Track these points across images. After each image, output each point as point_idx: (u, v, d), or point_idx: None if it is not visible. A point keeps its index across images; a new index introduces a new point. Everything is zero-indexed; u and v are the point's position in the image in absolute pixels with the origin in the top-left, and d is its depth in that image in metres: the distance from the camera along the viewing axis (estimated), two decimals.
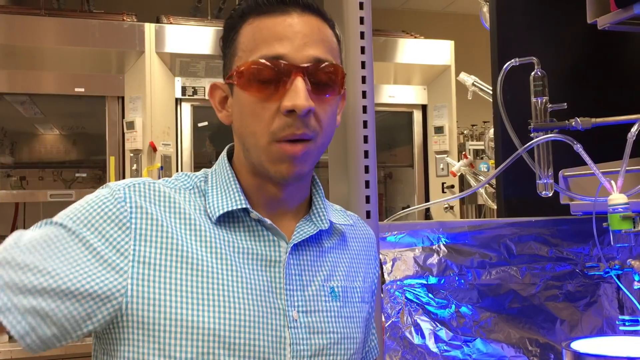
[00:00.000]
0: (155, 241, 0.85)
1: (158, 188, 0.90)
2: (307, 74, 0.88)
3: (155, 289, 0.83)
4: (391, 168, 4.31)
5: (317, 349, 0.91)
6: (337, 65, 0.92)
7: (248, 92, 0.89)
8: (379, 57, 3.73)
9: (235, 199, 0.92)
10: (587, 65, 1.88)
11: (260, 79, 0.88)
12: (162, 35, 3.33)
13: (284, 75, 0.87)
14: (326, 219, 0.98)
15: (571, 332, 1.55)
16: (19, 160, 3.45)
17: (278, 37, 0.88)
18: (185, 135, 3.43)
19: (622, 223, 1.19)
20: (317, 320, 0.92)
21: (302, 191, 0.98)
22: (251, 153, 0.92)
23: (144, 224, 0.86)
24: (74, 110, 3.52)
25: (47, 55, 3.25)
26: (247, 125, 0.90)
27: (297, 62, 0.88)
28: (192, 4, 4.38)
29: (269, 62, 0.87)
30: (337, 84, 0.92)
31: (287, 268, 0.91)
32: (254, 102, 0.89)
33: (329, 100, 0.91)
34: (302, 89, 0.86)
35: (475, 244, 1.54)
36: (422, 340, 1.42)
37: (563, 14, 1.84)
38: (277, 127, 0.87)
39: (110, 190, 0.88)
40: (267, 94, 0.88)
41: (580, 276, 1.59)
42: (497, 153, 1.84)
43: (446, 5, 5.17)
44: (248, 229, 0.92)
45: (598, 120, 1.40)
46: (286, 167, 0.89)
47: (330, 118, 0.93)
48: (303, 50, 0.88)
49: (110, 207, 0.85)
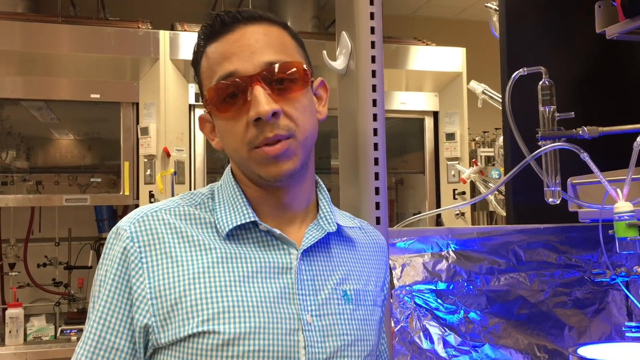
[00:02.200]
0: (167, 271, 0.90)
1: (161, 217, 0.94)
2: (263, 79, 0.91)
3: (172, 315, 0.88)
4: (402, 174, 4.32)
5: (332, 351, 0.93)
6: (292, 62, 0.94)
7: (219, 114, 0.94)
8: (390, 64, 3.74)
9: (243, 212, 0.95)
10: (595, 74, 1.89)
11: (223, 99, 0.92)
12: (176, 42, 3.37)
13: (242, 89, 0.91)
14: (333, 222, 1.01)
15: (579, 338, 1.55)
16: (35, 165, 3.49)
17: (226, 56, 0.93)
18: (198, 141, 3.46)
19: (627, 230, 1.20)
20: (331, 323, 0.94)
21: (305, 194, 1.01)
22: (241, 167, 0.96)
23: (154, 258, 0.90)
24: (89, 116, 3.56)
25: (63, 62, 3.29)
26: (228, 143, 0.95)
27: (249, 72, 0.91)
28: (206, 11, 4.42)
29: (225, 81, 0.92)
30: (299, 78, 0.94)
31: (298, 274, 0.94)
32: (227, 121, 0.94)
33: (295, 96, 0.94)
34: (261, 95, 0.90)
35: (484, 250, 1.55)
36: (431, 345, 1.43)
37: (572, 24, 1.85)
38: (251, 137, 0.91)
39: (117, 235, 0.93)
40: (235, 110, 0.92)
41: (588, 283, 1.60)
42: (507, 161, 1.85)
43: (458, 13, 5.18)
44: (258, 241, 0.95)
45: (605, 129, 1.41)
46: (274, 167, 0.92)
47: (303, 112, 0.95)
48: (252, 59, 0.92)
49: (120, 256, 0.91)
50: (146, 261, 0.90)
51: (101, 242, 3.62)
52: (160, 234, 0.92)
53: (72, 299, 3.49)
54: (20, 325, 3.05)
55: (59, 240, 3.60)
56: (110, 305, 0.90)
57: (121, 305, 0.90)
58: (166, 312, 0.88)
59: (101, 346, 0.89)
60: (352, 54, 1.32)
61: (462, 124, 3.86)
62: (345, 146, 1.36)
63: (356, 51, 1.30)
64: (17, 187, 3.42)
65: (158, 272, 0.89)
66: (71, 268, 3.58)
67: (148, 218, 0.93)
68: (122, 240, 0.91)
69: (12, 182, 3.41)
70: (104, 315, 0.90)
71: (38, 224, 3.58)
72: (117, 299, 0.90)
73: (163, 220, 0.93)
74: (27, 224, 3.53)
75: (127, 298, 0.90)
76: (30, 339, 3.13)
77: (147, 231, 0.92)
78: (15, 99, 3.29)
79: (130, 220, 0.93)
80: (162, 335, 0.88)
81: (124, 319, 0.90)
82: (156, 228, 0.92)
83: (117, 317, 0.90)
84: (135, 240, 0.91)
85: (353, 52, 1.32)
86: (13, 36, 3.13)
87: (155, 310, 0.88)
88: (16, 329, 3.03)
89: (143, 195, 3.30)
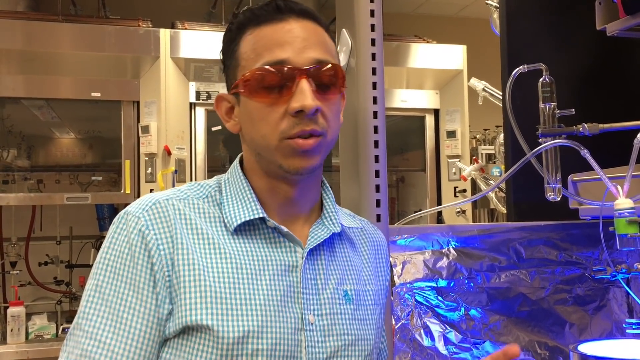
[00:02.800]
0: (179, 260, 0.88)
1: (172, 204, 0.92)
2: (311, 75, 0.91)
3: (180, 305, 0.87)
4: (403, 172, 4.32)
5: (332, 351, 0.93)
6: (337, 65, 0.96)
7: (255, 98, 0.92)
8: (391, 62, 3.74)
9: (252, 208, 0.94)
10: (596, 71, 1.89)
11: (265, 84, 0.91)
12: (176, 41, 3.37)
13: (289, 79, 0.91)
14: (337, 222, 1.01)
15: (580, 335, 1.55)
16: (36, 163, 3.49)
17: (279, 43, 0.92)
18: (199, 139, 3.46)
19: (628, 227, 1.20)
20: (332, 323, 0.95)
21: (313, 192, 1.01)
22: (263, 155, 0.95)
23: (169, 246, 0.89)
24: (90, 114, 3.56)
25: (63, 60, 3.29)
26: (257, 129, 0.93)
27: (299, 65, 0.91)
28: (207, 9, 4.42)
29: (273, 67, 0.91)
30: (338, 83, 0.96)
31: (303, 273, 0.94)
32: (262, 107, 0.92)
33: (332, 98, 0.95)
34: (308, 90, 0.90)
35: (485, 247, 1.55)
36: (432, 342, 1.44)
37: (572, 21, 1.85)
38: (286, 127, 0.91)
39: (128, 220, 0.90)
40: (274, 98, 0.91)
41: (589, 280, 1.60)
42: (507, 158, 1.85)
43: (459, 10, 5.18)
44: (265, 237, 0.95)
45: (605, 125, 1.41)
46: (299, 160, 0.92)
47: (335, 115, 0.96)
48: (304, 53, 0.92)
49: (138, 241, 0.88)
50: (163, 248, 0.88)
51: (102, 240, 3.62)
52: (173, 222, 0.90)
53: (74, 298, 3.50)
54: (21, 323, 3.05)
55: (60, 239, 3.61)
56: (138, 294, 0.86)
57: (148, 293, 0.86)
58: (177, 302, 0.87)
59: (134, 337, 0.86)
60: (353, 52, 1.32)
61: (462, 121, 3.86)
62: (346, 144, 1.36)
63: (357, 49, 1.31)
64: (18, 186, 3.42)
65: (172, 260, 0.88)
66: (72, 266, 3.58)
67: (161, 205, 0.91)
68: (135, 226, 0.89)
69: (13, 181, 3.41)
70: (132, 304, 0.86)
71: (39, 223, 3.58)
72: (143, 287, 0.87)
73: (175, 208, 0.92)
74: (29, 222, 3.53)
75: (152, 286, 0.87)
76: (31, 338, 3.13)
77: (161, 218, 0.90)
78: (16, 98, 3.29)
79: (141, 207, 0.91)
80: (170, 324, 0.87)
81: (152, 308, 0.86)
82: (169, 215, 0.91)
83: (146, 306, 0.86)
84: (151, 227, 0.89)
85: (353, 49, 1.32)
86: (14, 35, 3.13)
87: (172, 299, 0.87)
88: (18, 328, 3.04)
89: (144, 194, 3.29)
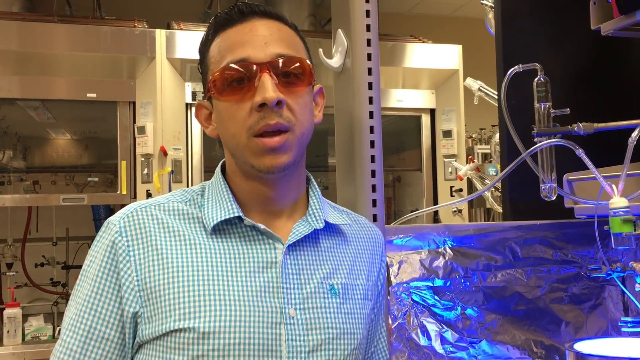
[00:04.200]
0: (152, 264, 0.92)
1: (150, 212, 0.96)
2: (272, 68, 0.94)
3: (155, 308, 0.90)
4: (400, 172, 4.33)
5: (315, 344, 0.94)
6: (301, 58, 0.98)
7: (223, 97, 0.96)
8: (387, 62, 3.75)
9: (228, 208, 0.97)
10: (591, 70, 1.89)
11: (230, 82, 0.94)
12: (172, 41, 3.36)
13: (251, 75, 0.93)
14: (321, 219, 1.02)
15: (576, 334, 1.56)
16: (32, 164, 3.49)
17: (240, 43, 0.95)
18: (195, 139, 3.46)
19: (622, 226, 1.20)
20: (315, 316, 0.95)
21: (294, 190, 1.02)
22: (236, 154, 0.97)
23: (141, 251, 0.93)
24: (85, 115, 3.56)
25: (59, 61, 3.29)
26: (227, 129, 0.96)
27: (260, 60, 0.94)
28: (202, 10, 4.42)
29: (236, 64, 0.94)
30: (305, 75, 0.97)
31: (283, 268, 0.95)
32: (229, 106, 0.95)
33: (298, 91, 0.97)
34: (269, 82, 0.92)
35: (481, 246, 1.56)
36: (428, 341, 1.44)
37: (567, 20, 1.85)
38: (252, 122, 0.93)
39: (107, 229, 0.96)
40: (240, 95, 0.94)
41: (585, 279, 1.61)
42: (503, 157, 1.85)
43: (454, 10, 5.18)
44: (243, 235, 0.97)
45: (600, 125, 1.42)
46: (269, 159, 0.94)
47: (304, 109, 0.98)
48: (265, 49, 0.95)
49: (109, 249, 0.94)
50: (134, 254, 0.92)
51: None
52: (148, 228, 0.94)
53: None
54: (18, 325, 3.05)
55: (56, 240, 3.60)
56: (100, 297, 0.92)
57: (111, 296, 0.92)
58: (152, 305, 0.90)
59: (92, 336, 0.91)
60: (349, 52, 1.32)
61: (458, 121, 3.87)
62: (342, 144, 1.36)
63: (352, 49, 1.31)
64: (14, 187, 3.42)
65: (145, 265, 0.92)
66: (69, 267, 3.57)
67: (137, 213, 0.96)
68: (110, 234, 0.94)
69: (9, 182, 3.41)
70: (94, 306, 0.92)
71: (35, 224, 3.58)
72: (107, 291, 0.92)
73: (152, 215, 0.96)
74: (25, 223, 3.53)
75: (117, 290, 0.92)
76: (28, 339, 3.13)
77: (135, 225, 0.94)
78: (11, 99, 3.28)
79: (120, 215, 0.96)
80: (147, 326, 0.90)
81: (114, 310, 0.91)
82: (144, 222, 0.95)
83: (107, 308, 0.92)
84: (124, 234, 0.93)
85: (349, 49, 1.32)
86: (9, 36, 3.13)
87: (143, 301, 0.90)
88: (14, 329, 3.03)
89: (140, 195, 3.30)
